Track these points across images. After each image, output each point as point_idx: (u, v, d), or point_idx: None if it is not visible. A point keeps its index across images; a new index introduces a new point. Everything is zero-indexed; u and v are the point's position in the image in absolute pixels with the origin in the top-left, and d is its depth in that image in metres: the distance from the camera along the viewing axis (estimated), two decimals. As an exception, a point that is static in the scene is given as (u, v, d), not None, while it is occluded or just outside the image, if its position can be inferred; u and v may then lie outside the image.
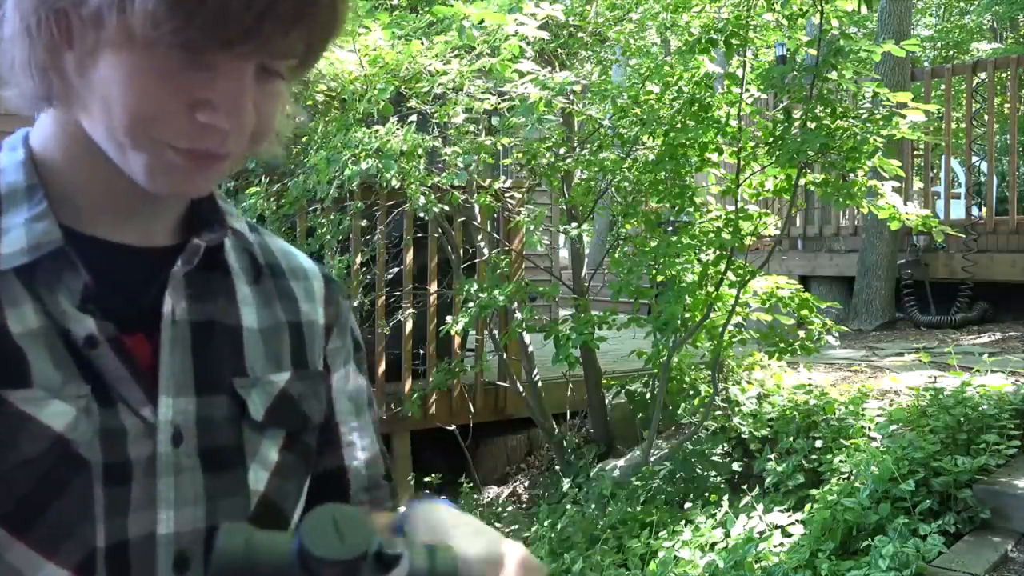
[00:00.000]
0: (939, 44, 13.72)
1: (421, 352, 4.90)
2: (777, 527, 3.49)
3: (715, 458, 4.20)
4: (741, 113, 4.02)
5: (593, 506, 4.13)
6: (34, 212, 0.66)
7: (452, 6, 3.46)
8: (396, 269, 4.86)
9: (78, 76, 0.63)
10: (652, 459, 4.34)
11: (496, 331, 4.77)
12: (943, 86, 7.26)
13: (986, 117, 8.12)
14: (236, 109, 0.63)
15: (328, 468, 0.82)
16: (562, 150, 4.64)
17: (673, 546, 3.48)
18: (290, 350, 0.77)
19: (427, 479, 4.51)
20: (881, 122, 3.83)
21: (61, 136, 0.69)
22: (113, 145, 0.64)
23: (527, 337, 4.76)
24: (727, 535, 3.52)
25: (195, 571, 0.66)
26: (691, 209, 4.30)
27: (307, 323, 0.80)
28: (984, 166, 8.73)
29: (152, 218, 0.71)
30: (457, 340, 4.89)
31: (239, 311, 0.74)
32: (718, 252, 4.14)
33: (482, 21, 3.46)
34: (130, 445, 0.64)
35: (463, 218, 4.77)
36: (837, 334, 4.48)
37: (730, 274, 4.15)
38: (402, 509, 0.64)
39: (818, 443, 3.93)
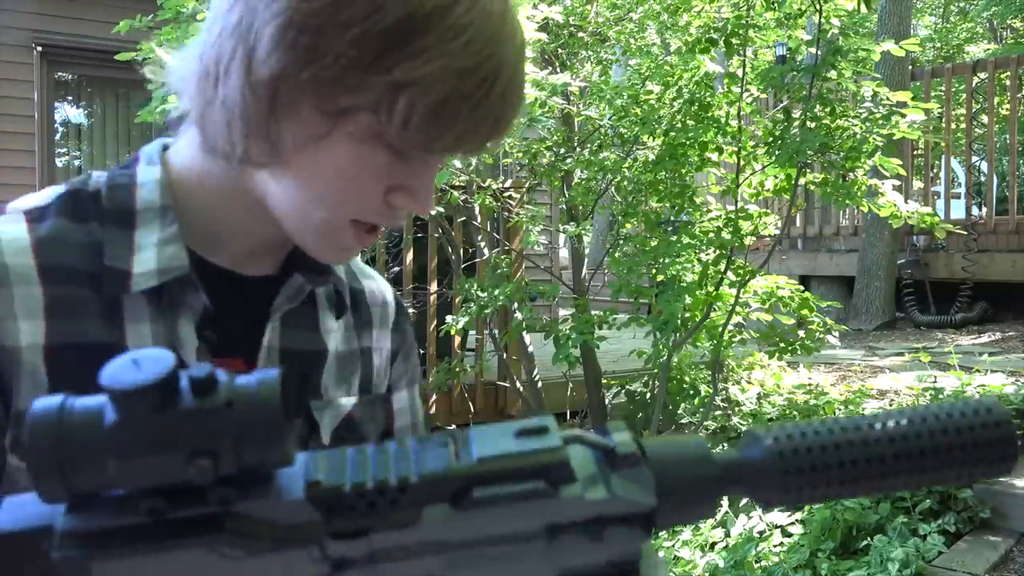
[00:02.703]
0: (938, 44, 13.72)
1: (421, 352, 4.90)
2: (777, 527, 3.49)
3: (715, 458, 4.20)
4: (741, 113, 4.02)
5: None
6: (166, 234, 0.69)
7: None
8: (396, 269, 4.86)
9: (293, 149, 0.65)
10: (652, 459, 4.33)
11: (496, 331, 4.77)
12: (943, 86, 7.26)
13: (986, 117, 8.13)
14: (428, 194, 0.69)
15: None
16: (562, 150, 4.64)
17: (673, 546, 3.48)
18: (360, 376, 0.83)
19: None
20: (881, 121, 3.83)
21: (212, 170, 0.71)
22: (298, 215, 0.68)
23: (527, 337, 4.76)
24: (727, 535, 3.52)
25: None
26: (691, 209, 4.30)
27: (376, 349, 0.86)
28: (984, 166, 8.73)
29: (264, 250, 0.76)
30: (457, 340, 4.89)
31: (323, 338, 0.80)
32: (718, 252, 4.14)
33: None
34: None
35: (463, 218, 4.77)
36: (837, 334, 4.48)
37: (730, 274, 4.14)
38: None
39: (818, 443, 3.93)
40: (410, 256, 4.85)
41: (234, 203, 0.71)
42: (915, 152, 7.08)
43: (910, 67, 7.21)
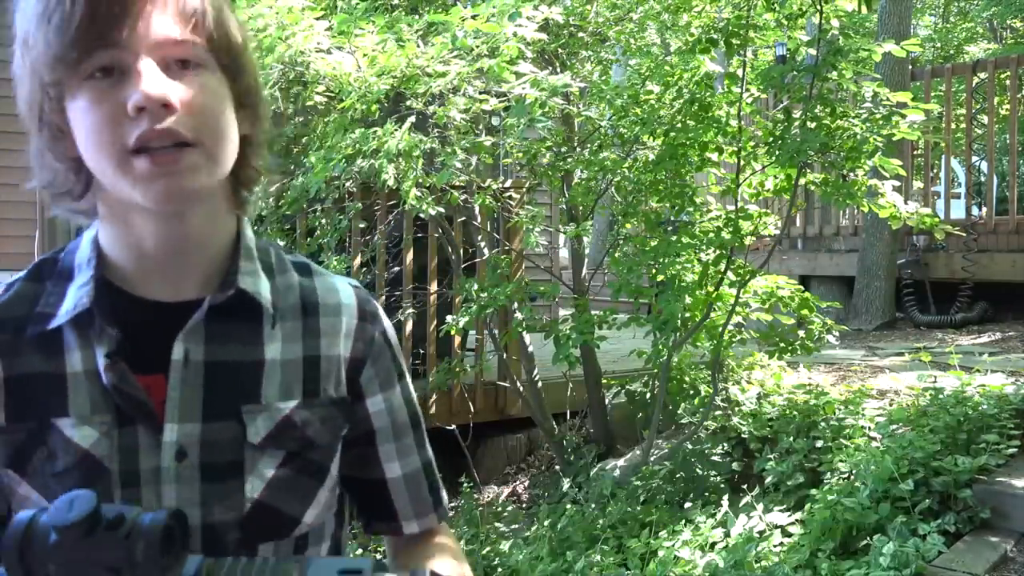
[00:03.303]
0: (938, 44, 13.71)
1: (421, 352, 4.90)
2: (777, 527, 3.49)
3: (715, 458, 4.20)
4: (741, 113, 4.02)
5: (593, 506, 4.13)
6: (83, 279, 0.86)
7: (450, 10, 3.46)
8: (396, 269, 4.86)
9: (71, 149, 0.82)
10: (652, 459, 4.34)
11: (496, 331, 4.77)
12: (943, 86, 7.26)
13: (986, 117, 8.13)
14: (149, 88, 0.76)
15: (372, 479, 0.98)
16: (562, 150, 4.64)
17: (673, 546, 3.48)
18: (302, 381, 0.90)
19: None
20: (881, 122, 3.83)
21: (104, 213, 0.87)
22: (108, 179, 0.80)
23: (527, 337, 4.76)
24: (727, 535, 3.52)
25: (196, 554, 0.80)
26: (691, 209, 4.30)
27: (325, 357, 0.91)
28: (984, 166, 8.73)
29: (180, 276, 0.87)
30: (457, 340, 4.89)
31: (263, 348, 0.88)
32: (718, 252, 4.14)
33: (476, 30, 3.46)
34: (141, 458, 0.83)
35: (463, 218, 4.77)
36: (837, 334, 4.48)
37: (730, 274, 4.14)
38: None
39: (818, 443, 3.93)
40: (410, 256, 4.85)
41: (120, 232, 0.86)
42: (915, 152, 7.08)
43: (910, 67, 7.21)
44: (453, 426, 4.76)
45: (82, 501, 0.60)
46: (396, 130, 3.75)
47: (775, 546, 3.31)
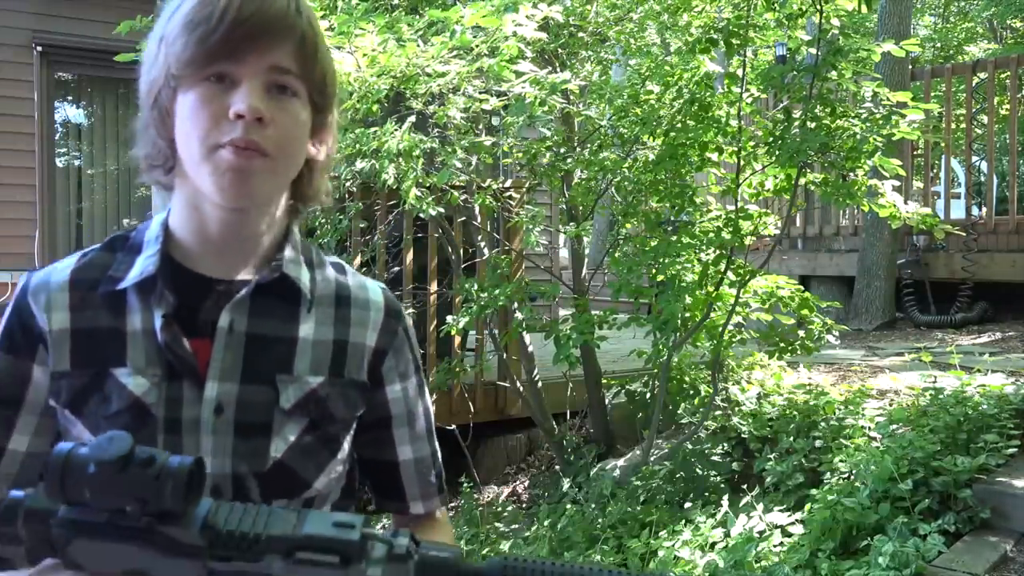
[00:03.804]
0: (938, 44, 13.71)
1: (421, 352, 4.88)
2: (777, 527, 3.49)
3: (715, 458, 4.20)
4: (741, 113, 4.02)
5: (593, 506, 4.13)
6: (151, 251, 1.00)
7: (449, 7, 3.46)
8: (396, 269, 4.86)
9: (170, 131, 0.96)
10: (652, 459, 4.34)
11: (496, 331, 4.77)
12: (943, 86, 7.26)
13: (986, 117, 8.13)
14: (248, 101, 0.91)
15: (385, 459, 1.10)
16: (562, 150, 4.64)
17: (673, 546, 3.48)
18: (330, 361, 1.02)
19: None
20: (881, 122, 3.83)
21: (179, 198, 1.01)
22: (193, 165, 0.94)
23: (527, 337, 4.76)
24: (727, 535, 3.52)
25: (225, 499, 0.90)
26: (691, 209, 4.30)
27: (352, 344, 1.05)
28: (984, 166, 8.73)
29: (234, 259, 1.01)
30: (457, 340, 4.89)
31: (298, 327, 1.02)
32: (718, 252, 4.14)
33: (476, 25, 3.46)
34: (184, 409, 0.96)
35: (463, 218, 4.77)
36: (837, 334, 4.48)
37: (730, 274, 4.14)
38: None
39: (818, 443, 3.93)
40: (410, 256, 4.85)
41: (189, 216, 1.00)
42: (915, 152, 7.08)
43: (910, 67, 7.21)
44: (453, 426, 4.76)
45: (120, 440, 0.70)
46: (396, 130, 3.75)
47: (775, 546, 3.31)
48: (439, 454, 1.15)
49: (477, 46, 3.61)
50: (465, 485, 4.62)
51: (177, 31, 0.93)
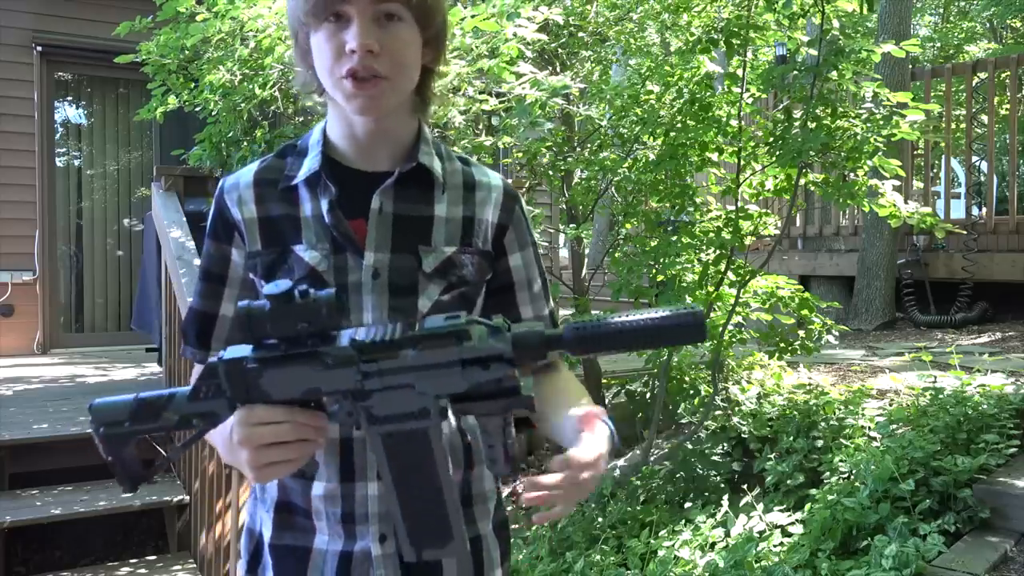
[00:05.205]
0: (938, 44, 13.71)
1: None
2: (777, 527, 3.49)
3: (715, 458, 4.20)
4: (741, 113, 4.02)
5: (593, 506, 4.13)
6: (315, 153, 1.24)
7: (449, 8, 3.45)
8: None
9: (311, 63, 1.20)
10: (652, 459, 4.34)
11: (496, 331, 4.76)
12: (943, 86, 7.26)
13: (986, 117, 8.12)
14: (357, 36, 1.12)
15: (511, 319, 1.25)
16: (562, 150, 4.64)
17: (673, 546, 3.48)
18: (460, 234, 1.25)
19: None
20: (881, 122, 3.83)
21: (332, 110, 1.25)
22: (329, 90, 1.18)
23: (527, 337, 4.74)
24: (727, 535, 3.52)
25: None
26: (691, 209, 4.30)
27: (479, 219, 1.27)
28: (984, 166, 8.73)
29: (378, 155, 1.24)
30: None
31: (433, 207, 1.25)
32: (718, 252, 4.14)
33: (476, 28, 3.46)
34: (349, 275, 1.20)
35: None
36: (837, 333, 4.48)
37: (730, 274, 4.14)
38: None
39: (818, 443, 3.93)
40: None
41: (338, 122, 1.24)
42: (915, 152, 7.07)
43: (910, 67, 7.21)
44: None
45: (283, 283, 0.91)
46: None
47: (775, 546, 3.31)
48: (556, 313, 1.36)
49: (477, 47, 3.61)
50: (465, 485, 4.62)
51: None
